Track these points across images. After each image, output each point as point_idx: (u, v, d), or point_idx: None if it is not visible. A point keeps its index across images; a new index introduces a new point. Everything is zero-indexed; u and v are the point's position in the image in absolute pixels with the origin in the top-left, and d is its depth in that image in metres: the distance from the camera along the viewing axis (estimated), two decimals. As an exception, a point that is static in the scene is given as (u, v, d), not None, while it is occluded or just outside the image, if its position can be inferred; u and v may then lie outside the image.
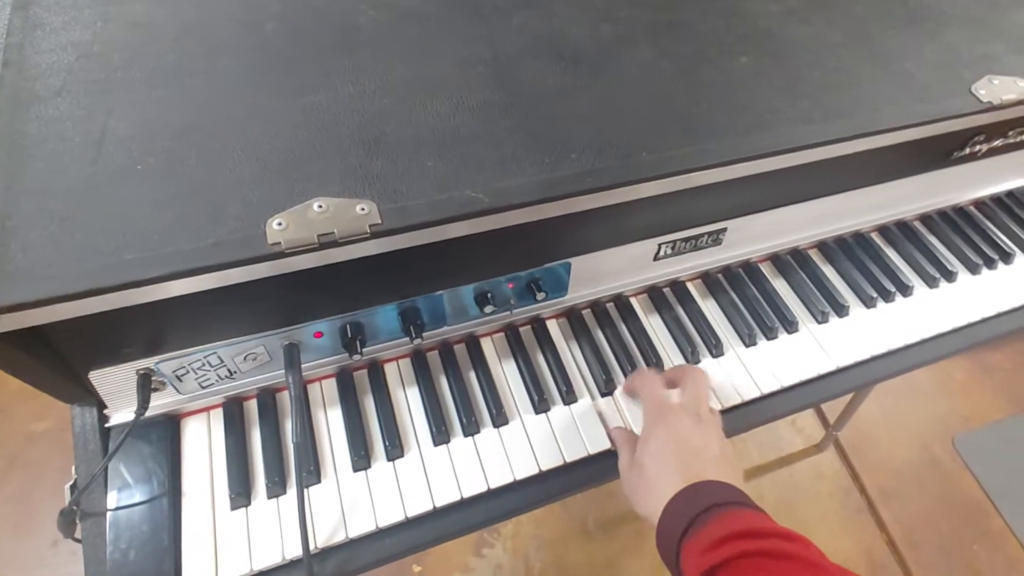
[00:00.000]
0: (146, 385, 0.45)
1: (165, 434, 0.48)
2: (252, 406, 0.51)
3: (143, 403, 0.45)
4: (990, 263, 0.70)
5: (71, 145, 0.42)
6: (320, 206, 0.41)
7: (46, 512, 1.17)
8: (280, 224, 0.40)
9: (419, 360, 0.55)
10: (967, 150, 0.66)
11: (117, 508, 0.44)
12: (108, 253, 0.38)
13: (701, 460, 0.45)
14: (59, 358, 0.42)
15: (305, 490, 0.46)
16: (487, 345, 0.57)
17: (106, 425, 0.47)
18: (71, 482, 0.45)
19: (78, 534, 0.46)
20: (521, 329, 0.59)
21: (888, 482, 1.38)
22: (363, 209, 0.41)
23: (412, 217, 0.42)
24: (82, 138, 0.43)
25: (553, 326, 0.59)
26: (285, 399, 0.52)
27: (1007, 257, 0.71)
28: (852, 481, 1.38)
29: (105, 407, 0.47)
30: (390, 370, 0.55)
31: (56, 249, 0.37)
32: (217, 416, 0.50)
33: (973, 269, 0.69)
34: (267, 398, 0.51)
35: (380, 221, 0.41)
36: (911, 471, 1.40)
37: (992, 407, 1.52)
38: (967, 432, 1.47)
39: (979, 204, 0.77)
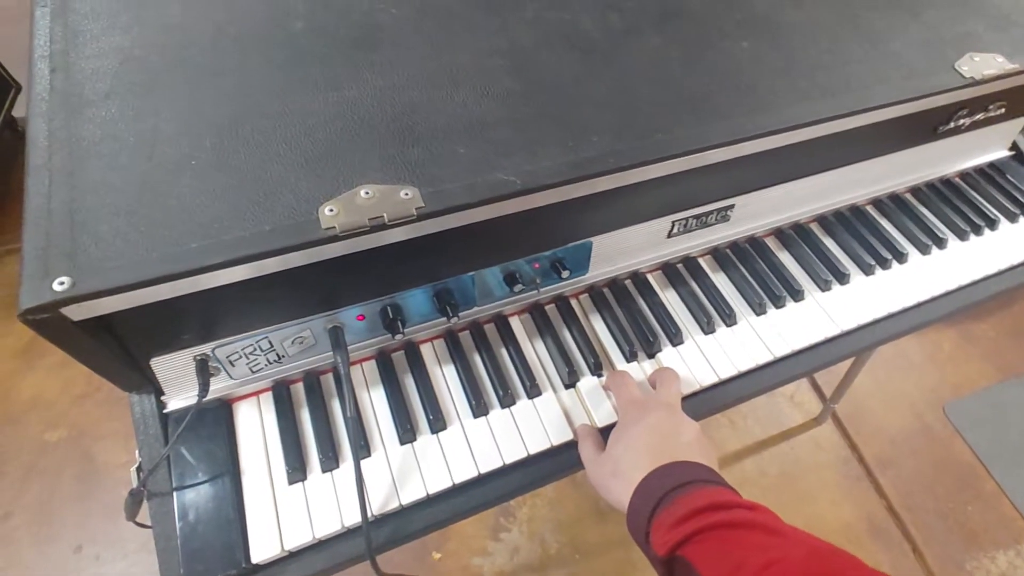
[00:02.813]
0: (204, 370, 0.48)
1: (220, 417, 0.51)
2: (299, 388, 0.54)
3: (204, 386, 0.47)
4: (977, 230, 0.74)
5: (126, 144, 0.45)
6: (367, 192, 0.44)
7: (66, 519, 1.18)
8: (331, 210, 0.42)
9: (452, 340, 0.58)
10: (952, 124, 0.71)
11: (182, 487, 0.47)
12: (173, 243, 0.40)
13: (673, 444, 0.46)
14: (123, 346, 0.44)
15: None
16: (515, 323, 0.60)
17: (164, 411, 0.49)
18: (136, 465, 0.47)
19: (140, 518, 0.49)
20: (546, 307, 0.62)
21: (884, 450, 1.43)
22: (407, 194, 0.44)
23: (452, 200, 0.45)
24: (135, 137, 0.45)
25: (576, 303, 0.63)
26: (329, 381, 0.55)
27: (992, 224, 0.75)
28: (850, 451, 1.44)
29: (162, 394, 0.49)
30: (426, 350, 0.58)
31: (124, 240, 0.40)
32: (267, 399, 0.53)
33: (962, 236, 0.73)
34: (313, 380, 0.54)
35: (424, 204, 0.44)
36: (905, 439, 1.46)
37: (979, 375, 1.58)
38: (957, 400, 1.53)
39: (964, 175, 0.81)
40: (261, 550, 0.46)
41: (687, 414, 0.58)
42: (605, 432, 0.53)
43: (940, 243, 0.72)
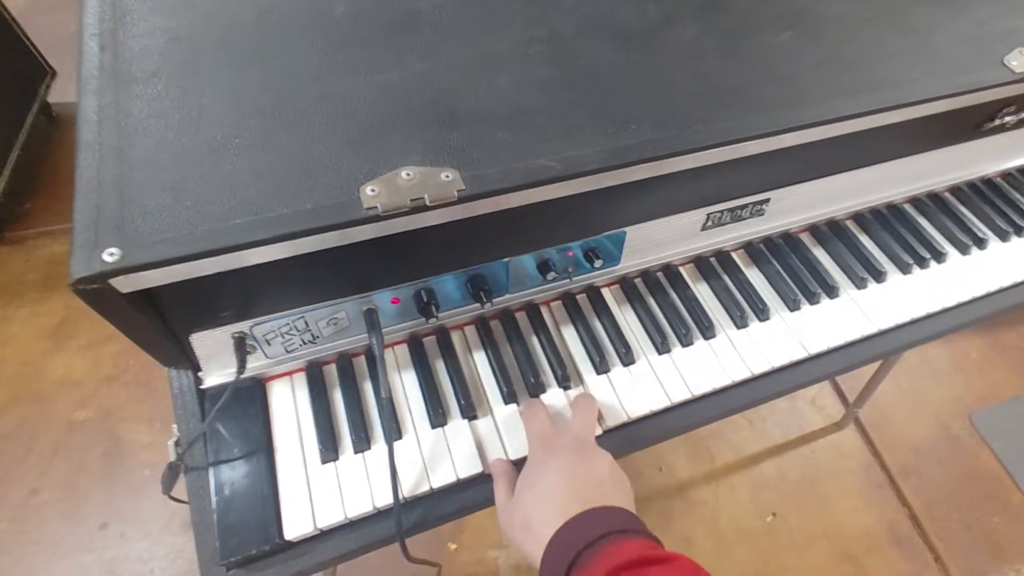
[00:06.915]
0: (241, 347, 0.48)
1: (254, 396, 0.51)
2: (331, 370, 0.54)
3: (241, 364, 0.48)
4: (1020, 231, 0.72)
5: (172, 121, 0.45)
6: (408, 174, 0.44)
7: (92, 497, 1.21)
8: (373, 190, 0.43)
9: (483, 327, 0.58)
10: (997, 121, 0.69)
11: (218, 462, 0.47)
12: (218, 218, 0.40)
13: (583, 487, 0.43)
14: (165, 321, 0.45)
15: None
16: (546, 312, 0.60)
17: (201, 387, 0.50)
18: (173, 439, 0.48)
19: (175, 492, 0.49)
20: (578, 297, 0.62)
21: (908, 458, 1.41)
22: (447, 176, 0.44)
23: (493, 183, 0.45)
24: (181, 115, 0.46)
25: (607, 293, 0.62)
26: (361, 364, 0.55)
27: (1035, 225, 0.73)
28: (873, 458, 1.41)
29: (200, 370, 0.50)
30: (456, 336, 0.58)
31: (171, 215, 0.40)
32: (300, 379, 0.53)
33: (1004, 237, 0.72)
34: (345, 362, 0.54)
35: (465, 187, 0.44)
36: (930, 447, 1.43)
37: (1008, 385, 1.54)
38: (984, 409, 1.49)
39: (1006, 176, 0.79)
40: (294, 527, 0.46)
41: (718, 410, 0.58)
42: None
43: (980, 243, 0.70)
